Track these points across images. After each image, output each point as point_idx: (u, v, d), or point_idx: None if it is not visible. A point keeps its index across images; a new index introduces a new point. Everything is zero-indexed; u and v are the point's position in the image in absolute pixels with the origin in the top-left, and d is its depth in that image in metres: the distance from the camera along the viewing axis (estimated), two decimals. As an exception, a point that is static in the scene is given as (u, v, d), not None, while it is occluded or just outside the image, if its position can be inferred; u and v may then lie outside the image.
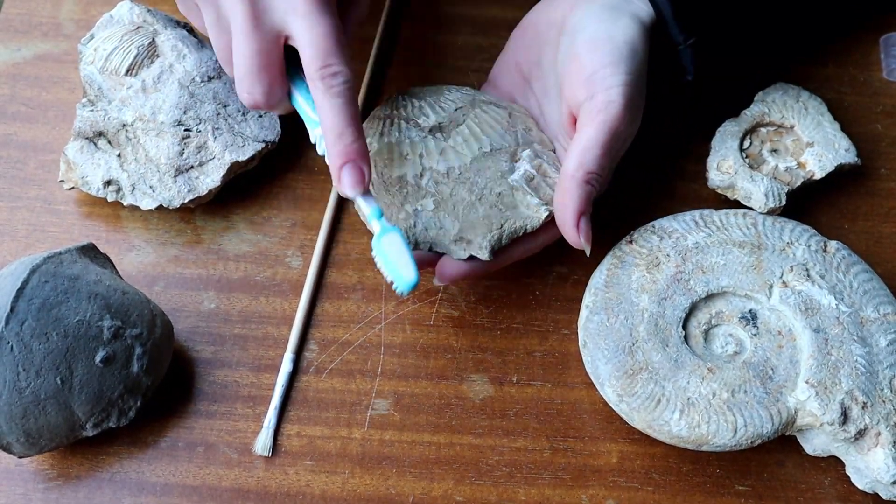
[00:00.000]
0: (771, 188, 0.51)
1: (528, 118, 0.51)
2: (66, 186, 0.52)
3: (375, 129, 0.49)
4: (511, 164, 0.48)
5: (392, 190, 0.47)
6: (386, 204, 0.47)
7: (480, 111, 0.50)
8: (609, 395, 0.46)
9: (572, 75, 0.47)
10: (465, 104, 0.50)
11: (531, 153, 0.49)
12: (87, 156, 0.52)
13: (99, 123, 0.51)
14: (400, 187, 0.47)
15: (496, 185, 0.48)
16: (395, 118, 0.49)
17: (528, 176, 0.48)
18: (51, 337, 0.42)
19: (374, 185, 0.47)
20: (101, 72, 0.51)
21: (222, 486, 0.46)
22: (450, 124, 0.49)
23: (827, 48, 0.59)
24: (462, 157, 0.48)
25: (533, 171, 0.48)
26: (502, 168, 0.48)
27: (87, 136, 0.52)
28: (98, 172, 0.51)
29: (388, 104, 0.51)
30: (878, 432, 0.43)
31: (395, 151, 0.48)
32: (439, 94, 0.50)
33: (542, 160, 0.49)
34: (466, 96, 0.51)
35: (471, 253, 0.46)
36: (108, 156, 0.52)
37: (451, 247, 0.47)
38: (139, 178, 0.51)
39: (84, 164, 0.51)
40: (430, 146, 0.48)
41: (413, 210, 0.47)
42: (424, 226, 0.47)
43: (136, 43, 0.52)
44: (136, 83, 0.51)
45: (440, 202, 0.47)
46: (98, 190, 0.51)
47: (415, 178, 0.47)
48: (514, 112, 0.51)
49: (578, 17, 0.48)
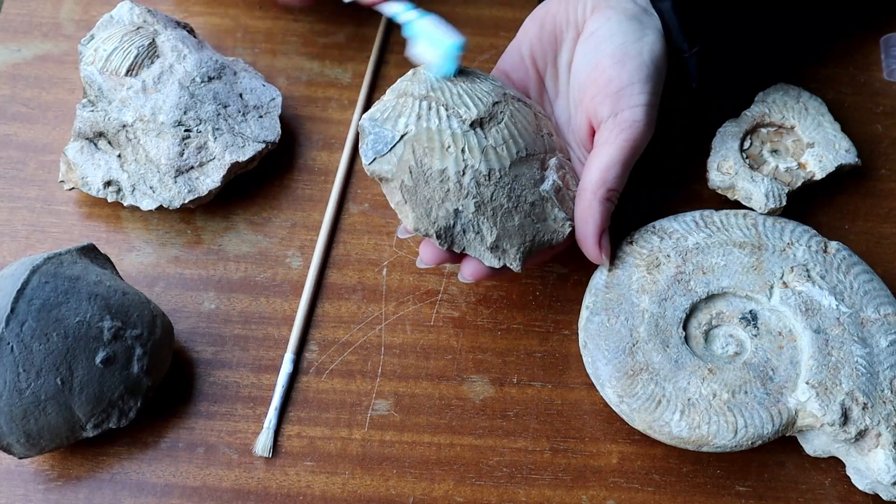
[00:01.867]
0: (771, 189, 0.51)
1: (548, 121, 0.49)
2: (66, 187, 0.52)
3: (411, 109, 0.46)
4: (541, 172, 0.47)
5: (433, 183, 0.45)
6: (425, 198, 0.45)
7: (514, 109, 0.47)
8: (609, 396, 0.46)
9: (596, 87, 0.46)
10: (500, 98, 0.47)
11: (557, 162, 0.47)
12: (87, 156, 0.52)
13: (99, 124, 0.51)
14: (441, 181, 0.45)
15: (530, 193, 0.46)
16: (432, 101, 0.46)
17: (557, 187, 0.47)
18: (51, 338, 0.42)
19: (411, 172, 0.45)
20: (102, 72, 0.51)
21: (223, 486, 0.46)
22: (490, 120, 0.46)
23: (827, 48, 0.59)
24: (502, 159, 0.45)
25: (560, 181, 0.47)
26: (535, 176, 0.46)
27: (87, 137, 0.52)
28: (98, 173, 0.51)
29: (418, 81, 0.47)
30: (878, 433, 0.43)
31: (437, 140, 0.45)
32: (472, 82, 0.47)
33: (565, 170, 0.48)
34: (497, 87, 0.48)
35: (505, 263, 0.45)
36: (108, 156, 0.52)
37: (486, 253, 0.45)
38: (139, 178, 0.51)
39: (84, 165, 0.51)
40: (472, 142, 0.45)
41: (454, 210, 0.45)
42: (463, 228, 0.45)
43: (137, 43, 0.52)
44: (136, 84, 0.51)
45: (480, 205, 0.45)
46: (98, 190, 0.51)
47: (457, 174, 0.45)
48: (538, 112, 0.49)
49: (601, 24, 0.47)
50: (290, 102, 0.57)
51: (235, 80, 0.53)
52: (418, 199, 0.45)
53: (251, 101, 0.53)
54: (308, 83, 0.57)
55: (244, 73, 0.54)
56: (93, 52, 0.52)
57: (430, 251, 0.46)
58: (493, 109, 0.46)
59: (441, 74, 0.46)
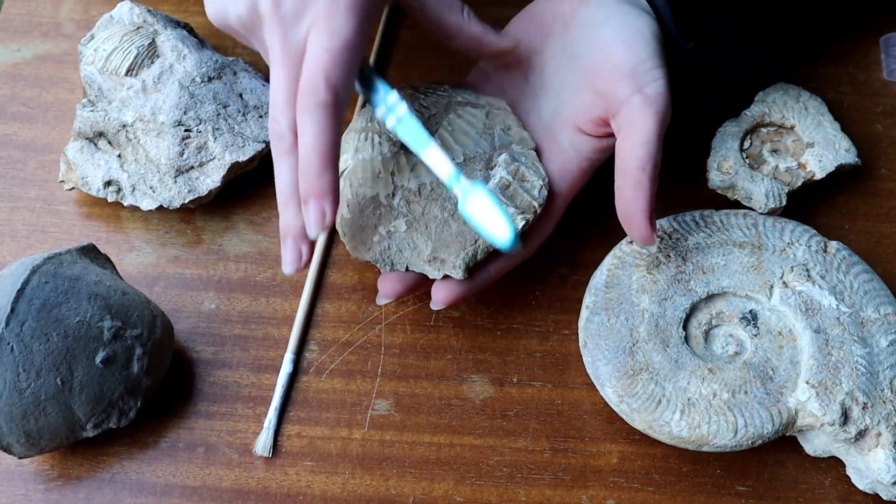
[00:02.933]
0: (771, 188, 0.51)
1: (508, 115, 0.49)
2: (66, 187, 0.52)
3: (351, 145, 0.48)
4: (486, 173, 0.47)
5: (366, 212, 0.46)
6: (360, 227, 0.46)
7: (455, 116, 0.48)
8: (609, 396, 0.46)
9: (607, 70, 0.46)
10: (438, 109, 0.48)
11: (508, 157, 0.47)
12: (87, 156, 0.52)
13: (99, 124, 0.51)
14: (374, 208, 0.46)
15: None
16: (369, 131, 0.48)
17: (504, 183, 0.46)
18: (51, 338, 0.42)
19: (349, 206, 0.46)
20: (102, 72, 0.51)
21: (223, 486, 0.46)
22: None
23: (827, 48, 0.59)
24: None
25: (509, 177, 0.46)
26: (476, 178, 0.46)
27: (87, 137, 0.52)
28: (98, 173, 0.51)
29: (364, 114, 0.49)
30: (878, 433, 0.43)
31: (369, 169, 0.47)
32: (414, 100, 0.48)
33: (519, 164, 0.47)
34: (442, 99, 0.49)
35: (445, 272, 0.45)
36: (108, 156, 0.52)
37: (425, 267, 0.46)
38: (139, 178, 0.51)
39: (84, 165, 0.51)
40: (401, 162, 0.46)
41: (386, 232, 0.46)
42: (398, 247, 0.46)
43: (137, 43, 0.52)
44: (136, 83, 0.51)
45: (412, 222, 0.46)
46: (98, 190, 0.51)
47: (387, 197, 0.46)
48: (493, 110, 0.49)
49: (591, 12, 0.47)
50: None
51: (235, 80, 0.53)
52: (355, 230, 0.46)
53: (251, 101, 0.53)
54: (308, 83, 0.57)
55: (244, 73, 0.54)
56: (93, 52, 0.52)
57: (386, 284, 0.47)
58: (426, 123, 0.47)
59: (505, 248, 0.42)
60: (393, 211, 0.46)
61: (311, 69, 0.41)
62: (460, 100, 0.49)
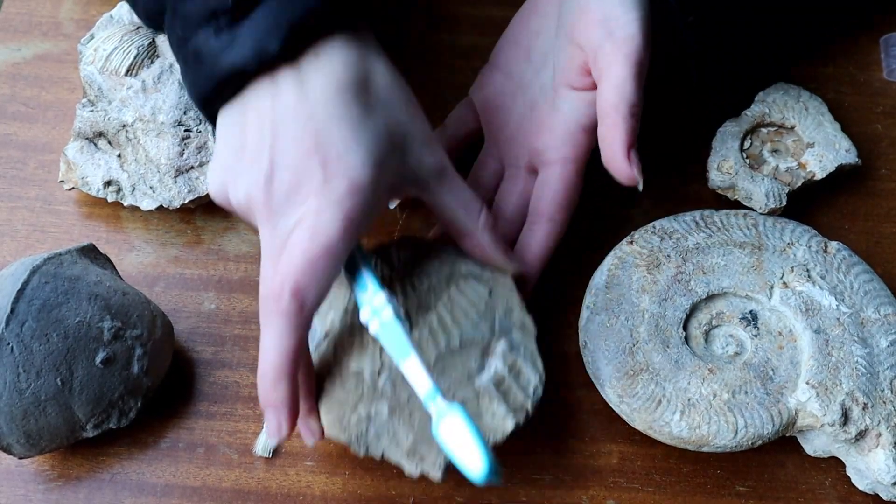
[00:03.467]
0: (771, 189, 0.51)
1: (512, 294, 0.45)
2: (66, 187, 0.52)
3: (340, 302, 0.44)
4: (482, 361, 0.43)
5: (347, 385, 0.43)
6: (339, 402, 0.42)
7: (456, 291, 0.44)
8: (610, 396, 0.46)
9: (584, 23, 0.46)
10: (440, 280, 0.44)
11: (506, 346, 0.43)
12: (87, 156, 0.52)
13: (99, 124, 0.51)
14: (356, 384, 0.42)
15: (460, 388, 0.42)
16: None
17: (499, 378, 0.43)
18: (51, 338, 0.42)
19: (330, 373, 0.43)
20: (101, 72, 0.51)
21: (223, 486, 0.46)
22: (418, 310, 0.44)
23: (827, 48, 0.59)
24: (426, 353, 0.42)
25: (505, 370, 0.43)
26: (470, 367, 0.43)
27: (87, 137, 0.52)
28: (98, 173, 0.51)
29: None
30: (878, 433, 0.43)
31: (357, 337, 0.43)
32: (415, 263, 0.45)
33: (517, 356, 0.43)
34: (445, 266, 0.45)
35: (423, 470, 0.41)
36: (108, 156, 0.52)
37: (402, 460, 0.42)
38: (139, 178, 0.51)
39: (84, 165, 0.51)
40: None
41: (366, 414, 0.42)
42: (377, 432, 0.42)
43: (136, 43, 0.51)
44: (136, 83, 0.51)
45: (396, 408, 0.42)
46: (98, 190, 0.51)
47: (372, 375, 0.42)
48: (496, 287, 0.45)
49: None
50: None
51: None
52: (332, 403, 0.43)
53: None
54: (308, 83, 0.57)
55: None
56: (93, 52, 0.52)
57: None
58: (425, 297, 0.44)
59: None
60: (377, 392, 0.42)
61: (281, 273, 0.38)
62: (464, 271, 0.45)
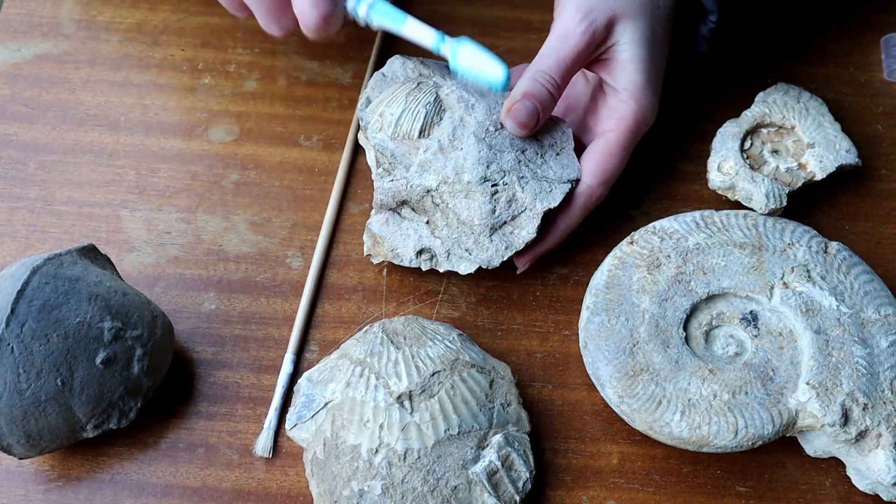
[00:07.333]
0: (772, 189, 0.51)
1: (511, 387, 0.47)
2: (374, 261, 0.50)
3: (343, 374, 0.45)
4: (477, 451, 0.44)
5: (343, 459, 0.43)
6: (332, 474, 0.43)
7: (459, 379, 0.45)
8: (610, 397, 0.46)
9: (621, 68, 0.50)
10: (445, 366, 0.45)
11: (502, 440, 0.44)
12: (393, 227, 0.49)
13: (402, 193, 0.48)
14: (352, 459, 0.43)
15: (454, 476, 0.43)
16: (365, 368, 0.45)
17: (492, 469, 0.43)
18: (51, 338, 0.42)
19: (325, 444, 0.44)
20: (393, 138, 0.49)
21: (223, 487, 0.46)
22: (421, 394, 0.44)
23: (827, 48, 0.59)
24: (425, 438, 0.43)
25: (498, 463, 0.44)
26: (466, 456, 0.43)
27: (390, 208, 0.49)
28: (409, 243, 0.49)
29: (363, 342, 0.46)
30: (878, 434, 0.43)
31: (357, 412, 0.44)
32: (421, 343, 0.46)
33: (510, 449, 0.44)
34: (450, 353, 0.46)
35: None
36: (416, 224, 0.49)
37: None
38: (453, 242, 0.48)
39: (392, 237, 0.49)
40: (393, 418, 0.43)
41: (359, 490, 0.43)
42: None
43: (423, 101, 0.49)
44: (432, 145, 0.48)
45: (389, 487, 0.42)
46: (410, 260, 0.49)
47: (369, 452, 0.43)
48: (497, 378, 0.46)
49: None
50: (289, 102, 0.57)
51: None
52: (325, 475, 0.44)
53: (545, 140, 0.50)
54: (308, 83, 0.57)
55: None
56: (378, 118, 0.49)
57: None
58: (428, 381, 0.44)
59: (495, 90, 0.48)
60: (372, 469, 0.43)
61: None
62: (467, 359, 0.46)
